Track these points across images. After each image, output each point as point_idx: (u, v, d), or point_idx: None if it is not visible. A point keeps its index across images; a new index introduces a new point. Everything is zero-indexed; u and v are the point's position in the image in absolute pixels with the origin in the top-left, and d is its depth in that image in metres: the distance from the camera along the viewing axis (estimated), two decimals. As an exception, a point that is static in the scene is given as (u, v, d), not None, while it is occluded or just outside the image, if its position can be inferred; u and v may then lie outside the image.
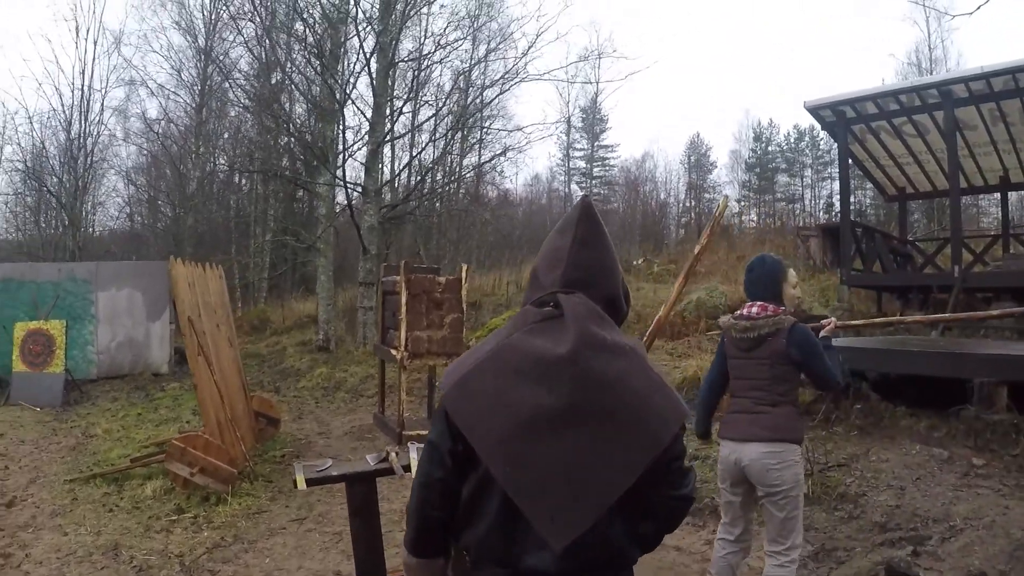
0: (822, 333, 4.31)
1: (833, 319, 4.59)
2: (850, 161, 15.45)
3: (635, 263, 23.39)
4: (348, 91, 18.03)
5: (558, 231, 2.12)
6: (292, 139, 20.73)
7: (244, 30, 20.73)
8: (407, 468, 4.51)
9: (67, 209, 26.91)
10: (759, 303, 4.24)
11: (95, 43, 28.52)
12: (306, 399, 13.34)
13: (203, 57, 27.07)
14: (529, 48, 18.30)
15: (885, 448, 7.27)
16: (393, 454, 4.65)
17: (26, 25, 67.82)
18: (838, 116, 13.96)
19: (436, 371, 10.64)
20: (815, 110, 14.07)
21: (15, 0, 51.41)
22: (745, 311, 4.29)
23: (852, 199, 31.41)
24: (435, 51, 18.77)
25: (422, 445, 2.20)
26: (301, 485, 4.47)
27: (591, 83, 37.85)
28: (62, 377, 14.00)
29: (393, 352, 9.72)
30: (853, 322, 9.78)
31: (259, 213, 29.01)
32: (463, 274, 10.19)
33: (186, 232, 25.78)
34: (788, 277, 4.34)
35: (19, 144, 30.49)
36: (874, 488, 6.47)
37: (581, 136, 53.87)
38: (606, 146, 54.44)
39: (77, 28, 28.13)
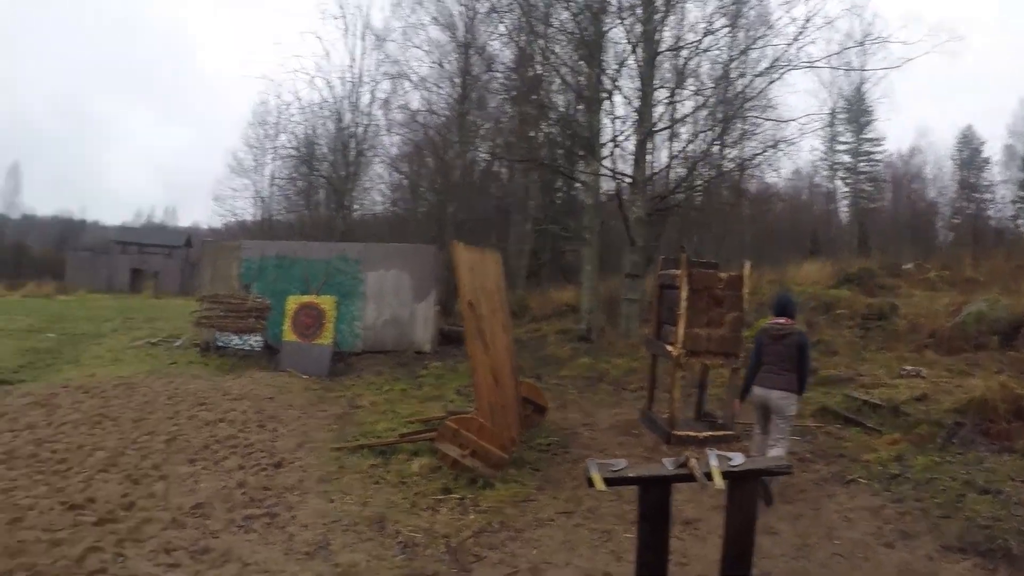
0: None
1: None
2: None
3: (904, 267, 21.72)
4: (615, 80, 17.44)
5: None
6: (554, 129, 20.44)
7: (503, 22, 20.69)
8: (708, 476, 4.21)
9: (338, 193, 28.20)
10: (785, 318, 7.58)
11: (363, 39, 30.17)
12: (568, 388, 12.87)
13: (462, 50, 27.50)
14: (799, 34, 16.80)
15: None
16: (693, 460, 4.32)
17: (298, 25, 73.08)
18: None
19: (709, 371, 10.16)
20: None
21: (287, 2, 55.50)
22: (778, 321, 7.57)
23: None
24: (702, 39, 17.80)
25: (723, 453, 3.28)
26: (599, 485, 4.25)
27: (865, 71, 35.01)
28: (330, 349, 14.37)
29: (668, 348, 9.22)
30: None
31: (520, 202, 29.23)
32: (745, 271, 9.51)
33: (448, 219, 26.22)
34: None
35: (293, 133, 32.42)
36: None
37: (845, 128, 50.09)
38: (871, 139, 49.94)
39: (346, 26, 29.96)
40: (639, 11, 16.99)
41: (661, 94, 18.52)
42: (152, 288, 50.31)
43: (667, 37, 18.32)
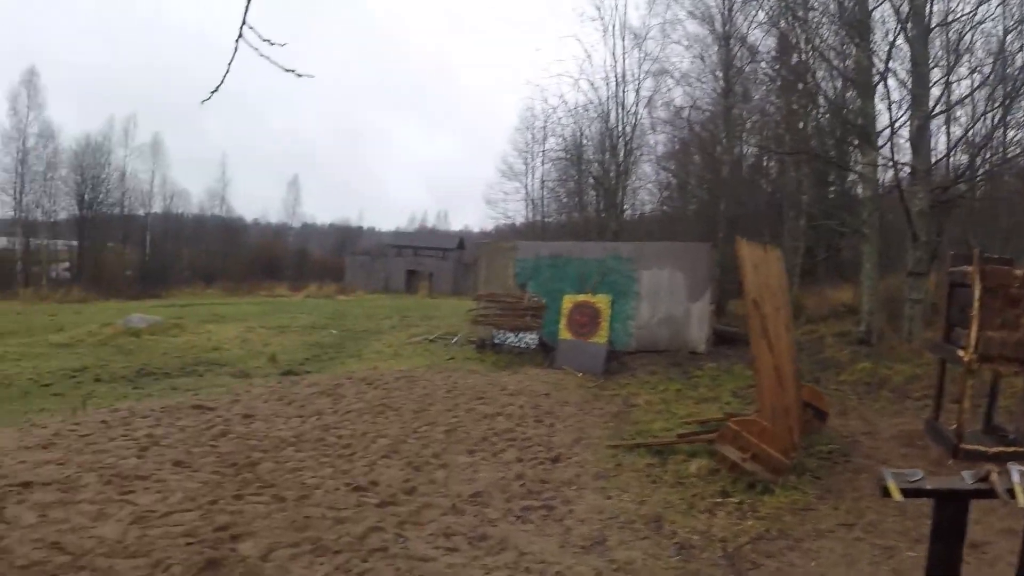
0: None
1: None
2: None
3: None
4: (886, 61, 16.49)
5: None
6: (824, 117, 19.63)
7: (762, 9, 20.12)
8: (1011, 493, 3.75)
9: (608, 193, 28.55)
10: None
11: (623, 38, 30.39)
12: (848, 394, 12.40)
13: (723, 42, 26.98)
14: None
15: None
16: (995, 474, 3.88)
17: (558, 29, 74.62)
18: None
19: (1000, 379, 9.29)
20: None
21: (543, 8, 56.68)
22: None
23: None
24: (976, 8, 16.32)
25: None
26: (896, 496, 3.93)
27: None
28: (605, 347, 14.72)
29: (960, 353, 8.53)
30: None
31: (791, 197, 28.38)
32: (1046, 267, 8.64)
33: (719, 216, 25.88)
34: None
35: (561, 136, 33.11)
36: None
37: None
38: None
39: (604, 27, 30.54)
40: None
41: (936, 74, 17.38)
42: (427, 288, 53.84)
43: (937, 11, 17.13)
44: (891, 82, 17.11)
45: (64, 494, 6.32)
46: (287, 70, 4.37)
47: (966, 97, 18.14)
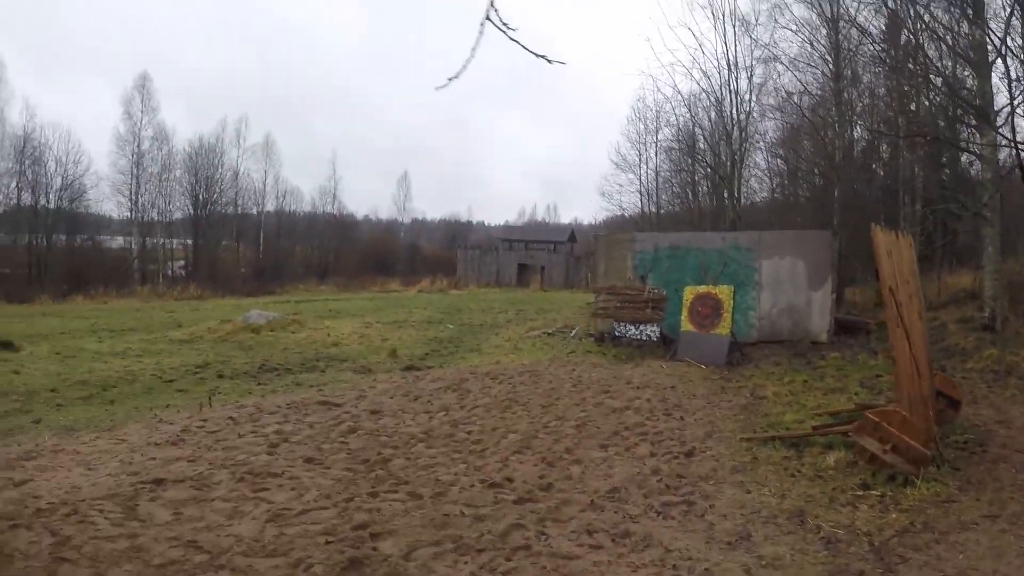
0: None
1: None
2: None
3: None
4: (1003, 37, 16.07)
5: None
6: (939, 98, 19.23)
7: None
8: None
9: (725, 181, 28.49)
10: None
11: (733, 25, 30.25)
12: (976, 382, 12.27)
13: (831, 25, 26.55)
14: None
15: None
16: None
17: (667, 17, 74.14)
18: None
19: None
20: None
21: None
22: None
23: None
24: None
25: None
26: None
27: None
28: (727, 339, 14.87)
29: None
30: None
31: (906, 181, 27.83)
32: None
33: (833, 203, 25.60)
34: None
35: (677, 126, 33.03)
36: None
37: None
38: None
39: (714, 14, 30.65)
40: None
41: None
42: (538, 282, 54.35)
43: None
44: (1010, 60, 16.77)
45: (197, 491, 6.58)
46: (538, 55, 4.30)
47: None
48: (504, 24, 3.82)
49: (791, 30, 27.35)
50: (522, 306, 30.76)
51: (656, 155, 40.78)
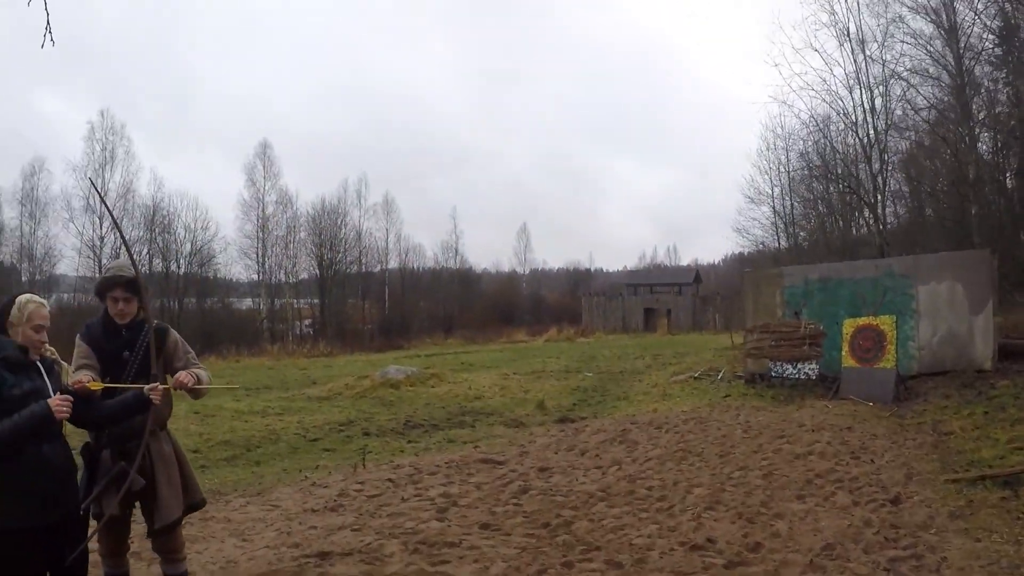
0: None
1: None
2: None
3: None
4: None
5: None
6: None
7: None
8: None
9: (872, 207, 27.81)
10: None
11: (862, 42, 29.40)
12: None
13: (949, 35, 25.72)
14: None
15: None
16: None
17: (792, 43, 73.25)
18: None
19: None
20: None
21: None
22: None
23: None
24: None
25: None
26: None
27: None
28: (893, 372, 14.25)
29: None
30: None
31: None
32: None
33: (973, 220, 24.70)
34: None
35: (814, 152, 32.61)
36: None
37: None
38: None
39: (838, 32, 29.75)
40: None
41: None
42: (665, 326, 54.04)
43: None
44: None
45: (369, 566, 6.13)
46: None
47: None
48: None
49: (908, 44, 26.71)
50: (656, 351, 30.35)
51: (790, 185, 40.04)
